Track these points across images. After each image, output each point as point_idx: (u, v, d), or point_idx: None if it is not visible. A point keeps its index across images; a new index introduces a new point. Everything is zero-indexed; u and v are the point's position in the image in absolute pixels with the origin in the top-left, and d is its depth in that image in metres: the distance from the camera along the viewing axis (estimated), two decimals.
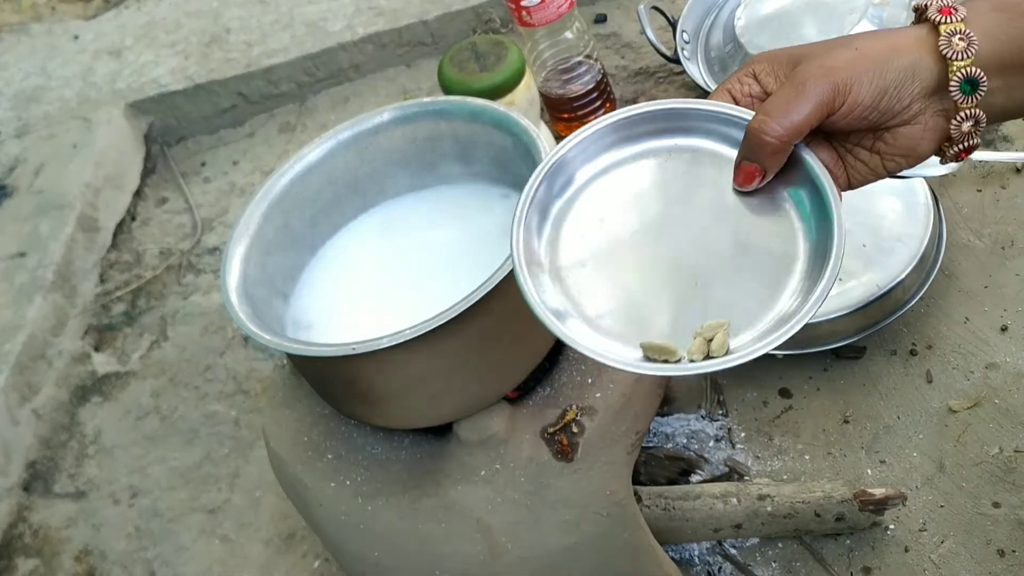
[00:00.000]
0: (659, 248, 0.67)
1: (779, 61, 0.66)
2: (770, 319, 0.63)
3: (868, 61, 0.63)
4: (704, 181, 0.68)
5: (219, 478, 1.49)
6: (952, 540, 1.11)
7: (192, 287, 1.80)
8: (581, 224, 0.70)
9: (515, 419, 0.91)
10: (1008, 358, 1.22)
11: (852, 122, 0.64)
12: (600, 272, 0.67)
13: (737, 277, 0.65)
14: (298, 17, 2.11)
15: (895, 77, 0.63)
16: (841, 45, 0.65)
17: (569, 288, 0.67)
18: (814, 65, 0.63)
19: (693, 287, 0.65)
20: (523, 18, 1.56)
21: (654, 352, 0.63)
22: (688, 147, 0.70)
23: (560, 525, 0.91)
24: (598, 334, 0.65)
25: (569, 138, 0.70)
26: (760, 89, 0.67)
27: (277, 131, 2.06)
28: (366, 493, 0.92)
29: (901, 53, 0.63)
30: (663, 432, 1.27)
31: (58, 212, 1.86)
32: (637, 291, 0.66)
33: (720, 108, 0.67)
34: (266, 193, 0.97)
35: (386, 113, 1.00)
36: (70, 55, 2.27)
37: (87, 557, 1.47)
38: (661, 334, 0.64)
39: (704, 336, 0.63)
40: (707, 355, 0.63)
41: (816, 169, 0.65)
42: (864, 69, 0.62)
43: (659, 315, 0.65)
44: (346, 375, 0.85)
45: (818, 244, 0.64)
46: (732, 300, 0.64)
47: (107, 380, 1.69)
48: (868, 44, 0.64)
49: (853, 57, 0.63)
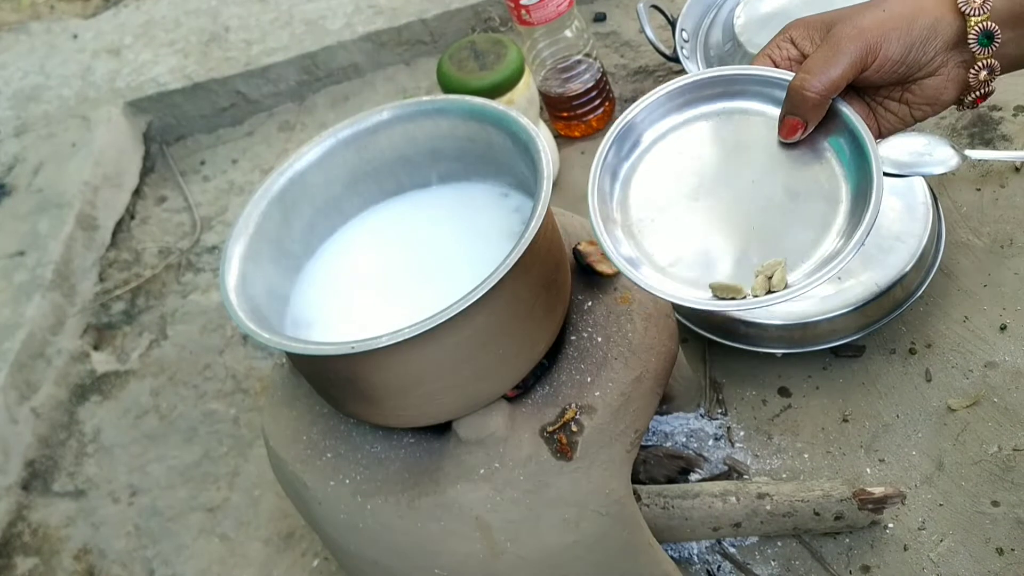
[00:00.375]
0: (718, 199, 0.75)
1: (814, 26, 0.73)
2: (820, 256, 0.71)
3: (896, 20, 0.69)
4: (754, 137, 0.76)
5: (218, 477, 1.49)
6: (951, 539, 1.11)
7: (191, 286, 1.80)
8: (648, 182, 0.78)
9: (514, 418, 0.91)
10: (1007, 357, 1.22)
11: (883, 76, 0.72)
12: (667, 224, 0.76)
13: (789, 220, 0.73)
14: (297, 15, 2.11)
15: (920, 34, 0.70)
16: (870, 7, 0.71)
17: (641, 241, 0.75)
18: (848, 26, 0.70)
19: (750, 232, 0.73)
20: (522, 17, 1.56)
21: (722, 291, 0.71)
22: (737, 109, 0.78)
23: (559, 524, 0.91)
24: (670, 279, 0.73)
25: (633, 105, 0.78)
26: (797, 52, 0.74)
27: (276, 130, 2.06)
28: (365, 491, 0.92)
29: (925, 12, 0.70)
30: (662, 431, 1.27)
31: (57, 211, 1.86)
32: (701, 239, 0.74)
33: (764, 72, 0.75)
34: (265, 192, 0.97)
35: (385, 112, 1.00)
36: (69, 54, 2.27)
37: (86, 556, 1.47)
38: (726, 275, 0.72)
39: (765, 274, 0.71)
40: (768, 290, 0.70)
41: (853, 119, 0.72)
42: (892, 27, 0.69)
43: (723, 259, 0.73)
44: (345, 374, 0.85)
45: (858, 187, 0.72)
46: (786, 241, 0.72)
47: (106, 379, 1.69)
48: (894, 5, 0.71)
49: (882, 18, 0.70)
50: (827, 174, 0.74)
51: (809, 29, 0.74)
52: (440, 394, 0.86)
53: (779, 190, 0.74)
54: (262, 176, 1.96)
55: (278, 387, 1.04)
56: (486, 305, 0.79)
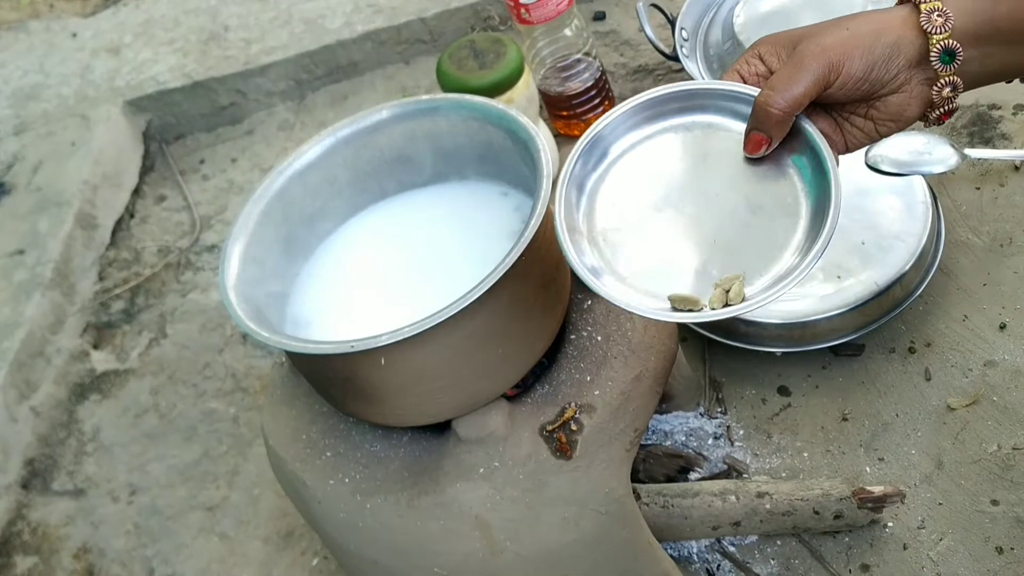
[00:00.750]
0: (681, 212, 0.77)
1: (781, 43, 0.75)
2: (777, 271, 0.72)
3: (858, 39, 0.71)
4: (719, 152, 0.77)
5: (218, 476, 1.49)
6: (950, 537, 1.11)
7: (191, 285, 1.80)
8: (613, 194, 0.79)
9: (514, 417, 0.91)
10: (1007, 356, 1.22)
11: (847, 93, 0.73)
12: (630, 235, 0.77)
13: (750, 234, 0.74)
14: (296, 14, 2.11)
15: (883, 52, 0.71)
16: (834, 26, 0.72)
17: (604, 250, 0.77)
18: (812, 44, 0.71)
19: (711, 245, 0.75)
20: (522, 16, 1.56)
21: (680, 303, 0.72)
22: (704, 123, 0.79)
23: (559, 523, 0.92)
24: (631, 289, 0.74)
25: (600, 119, 0.79)
26: (765, 68, 0.75)
27: (276, 129, 2.06)
28: (365, 491, 0.92)
29: (887, 31, 0.71)
30: (662, 430, 1.27)
31: (56, 210, 1.86)
32: (663, 250, 0.76)
33: (730, 87, 0.76)
34: (265, 191, 0.97)
35: (385, 111, 1.00)
36: (68, 53, 2.27)
37: (86, 555, 1.47)
38: (685, 287, 0.73)
39: (723, 287, 0.72)
40: (726, 303, 0.71)
41: (815, 136, 0.74)
42: (855, 46, 0.70)
43: (683, 271, 0.74)
44: (344, 373, 0.85)
45: (818, 204, 0.73)
46: (746, 255, 0.73)
47: (106, 378, 1.69)
48: (858, 24, 0.72)
49: (845, 36, 0.71)
50: (789, 190, 0.75)
51: (776, 46, 0.75)
52: (439, 393, 0.86)
53: (742, 204, 0.76)
54: (261, 175, 1.95)
55: (277, 386, 1.04)
56: (485, 304, 0.79)
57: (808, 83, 0.71)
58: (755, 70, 0.76)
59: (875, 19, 0.72)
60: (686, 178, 0.78)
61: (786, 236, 0.73)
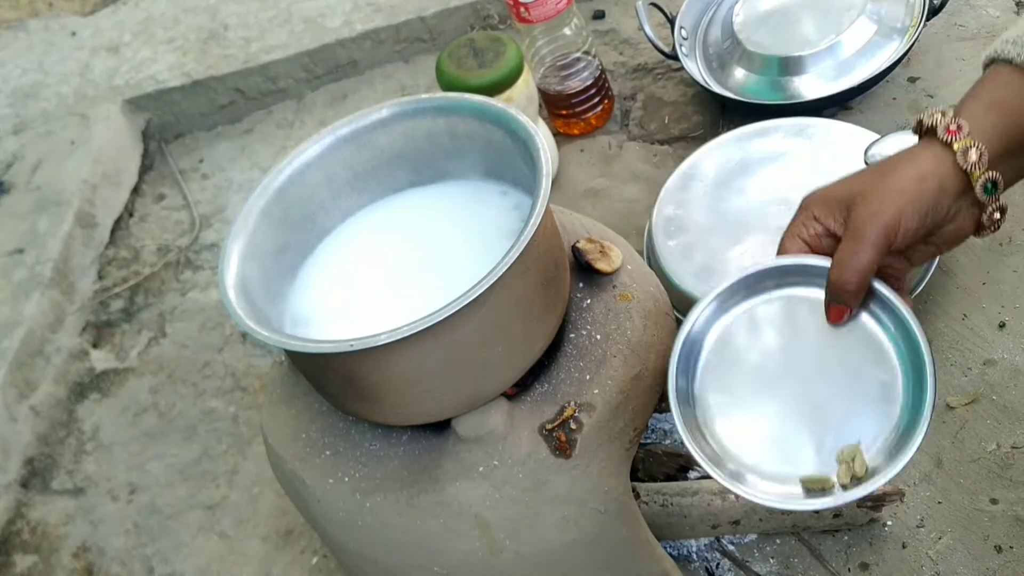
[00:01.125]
0: (785, 387, 0.80)
1: (831, 204, 0.78)
2: (891, 429, 0.76)
3: (906, 195, 0.74)
4: (803, 321, 0.81)
5: (217, 475, 1.49)
6: (950, 536, 1.11)
7: (190, 283, 1.81)
8: (719, 387, 0.82)
9: (513, 416, 0.91)
10: (1006, 354, 1.22)
11: (908, 242, 0.76)
12: (742, 416, 0.80)
13: (854, 400, 0.78)
14: (296, 13, 2.11)
15: (930, 199, 0.74)
16: (878, 184, 0.75)
17: (715, 432, 0.80)
18: (864, 212, 0.74)
19: (821, 415, 0.78)
20: (521, 14, 1.56)
21: (812, 484, 0.76)
22: (783, 296, 0.83)
23: (558, 521, 0.92)
24: (761, 479, 0.78)
25: (689, 318, 0.83)
26: (823, 228, 0.79)
27: (275, 127, 2.06)
28: (364, 489, 0.92)
29: (928, 177, 0.74)
30: (661, 428, 1.28)
31: (56, 209, 1.86)
32: (776, 428, 0.79)
33: (801, 261, 0.79)
34: (264, 190, 0.97)
35: (384, 110, 1.00)
36: (68, 51, 2.27)
37: (85, 553, 1.47)
38: (808, 464, 0.77)
39: (846, 462, 0.75)
40: (853, 475, 0.75)
41: (889, 295, 0.78)
42: (905, 202, 0.73)
43: (803, 448, 0.78)
44: (344, 372, 0.85)
45: (906, 351, 0.77)
46: (856, 419, 0.77)
47: (105, 377, 1.69)
48: (899, 175, 0.75)
49: (893, 195, 0.74)
50: (876, 345, 0.79)
51: (829, 207, 0.78)
52: (439, 392, 0.86)
53: (839, 370, 0.79)
54: (261, 174, 1.95)
55: (277, 385, 1.04)
56: (485, 303, 0.79)
57: (872, 255, 0.75)
58: (815, 231, 0.79)
59: (913, 166, 0.75)
60: (781, 352, 0.82)
61: (886, 391, 0.77)
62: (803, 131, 1.41)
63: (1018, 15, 1.62)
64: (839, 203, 0.77)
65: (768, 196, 1.35)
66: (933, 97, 1.54)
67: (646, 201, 1.57)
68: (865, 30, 1.52)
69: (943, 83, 1.56)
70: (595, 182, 1.66)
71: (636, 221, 1.54)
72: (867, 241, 0.74)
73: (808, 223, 0.79)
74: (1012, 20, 0.78)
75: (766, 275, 0.82)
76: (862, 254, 0.74)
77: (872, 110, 1.56)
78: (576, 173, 1.69)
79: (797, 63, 1.53)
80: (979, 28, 1.62)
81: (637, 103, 1.76)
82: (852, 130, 1.37)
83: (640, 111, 1.74)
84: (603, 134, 1.73)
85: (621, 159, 1.68)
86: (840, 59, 1.52)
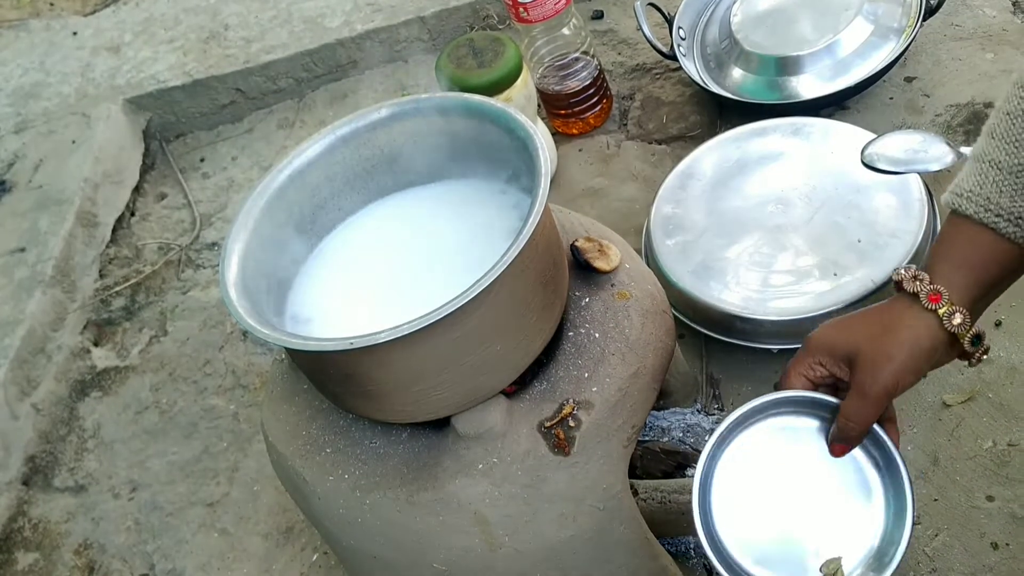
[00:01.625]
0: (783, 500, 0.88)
1: (835, 355, 0.87)
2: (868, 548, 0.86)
3: (902, 359, 0.82)
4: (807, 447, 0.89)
5: (218, 472, 1.50)
6: (946, 533, 1.11)
7: (191, 282, 1.81)
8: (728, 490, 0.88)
9: (512, 413, 0.91)
10: (1001, 352, 1.22)
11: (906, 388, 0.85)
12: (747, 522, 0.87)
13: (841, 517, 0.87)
14: (296, 13, 2.11)
15: (926, 358, 0.82)
16: (877, 343, 0.83)
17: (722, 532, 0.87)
18: (868, 378, 0.83)
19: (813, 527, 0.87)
20: (520, 14, 1.56)
21: None
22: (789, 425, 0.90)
23: (557, 518, 0.92)
24: None
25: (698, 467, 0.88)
26: (827, 372, 0.87)
27: (275, 127, 2.06)
28: (364, 487, 0.92)
29: (922, 338, 0.82)
30: (659, 426, 1.28)
31: (57, 207, 1.86)
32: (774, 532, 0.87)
33: (818, 397, 0.88)
34: (265, 189, 0.97)
35: (384, 109, 1.01)
36: (69, 51, 2.27)
37: (87, 550, 1.47)
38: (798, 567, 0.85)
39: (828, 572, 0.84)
40: None
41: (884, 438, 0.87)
42: (902, 363, 0.82)
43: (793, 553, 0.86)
44: (344, 370, 0.85)
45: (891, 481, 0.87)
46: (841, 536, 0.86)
47: (106, 374, 1.69)
48: (896, 341, 0.82)
49: (891, 362, 0.82)
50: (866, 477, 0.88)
51: (833, 356, 0.87)
52: (438, 390, 0.86)
53: (831, 491, 0.88)
54: (262, 173, 1.95)
55: (277, 383, 1.05)
56: (484, 302, 0.80)
57: (875, 411, 0.84)
58: (819, 374, 0.88)
59: (906, 329, 0.82)
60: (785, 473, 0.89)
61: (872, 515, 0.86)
62: (800, 131, 1.41)
63: (1014, 15, 1.63)
64: (842, 356, 0.86)
65: (765, 195, 1.35)
66: (930, 96, 1.55)
67: (644, 200, 1.58)
68: (862, 30, 1.52)
69: (939, 83, 1.56)
70: (593, 181, 1.67)
71: (634, 220, 1.55)
72: (871, 399, 0.83)
73: (814, 366, 0.88)
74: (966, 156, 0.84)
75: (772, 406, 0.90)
76: (867, 409, 0.84)
77: (869, 110, 1.57)
78: (575, 172, 1.69)
79: (794, 63, 1.54)
80: (975, 28, 1.62)
81: (635, 103, 1.76)
82: (849, 130, 1.38)
83: (638, 111, 1.75)
84: (601, 134, 1.74)
85: (619, 158, 1.69)
86: (837, 59, 1.52)
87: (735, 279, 1.29)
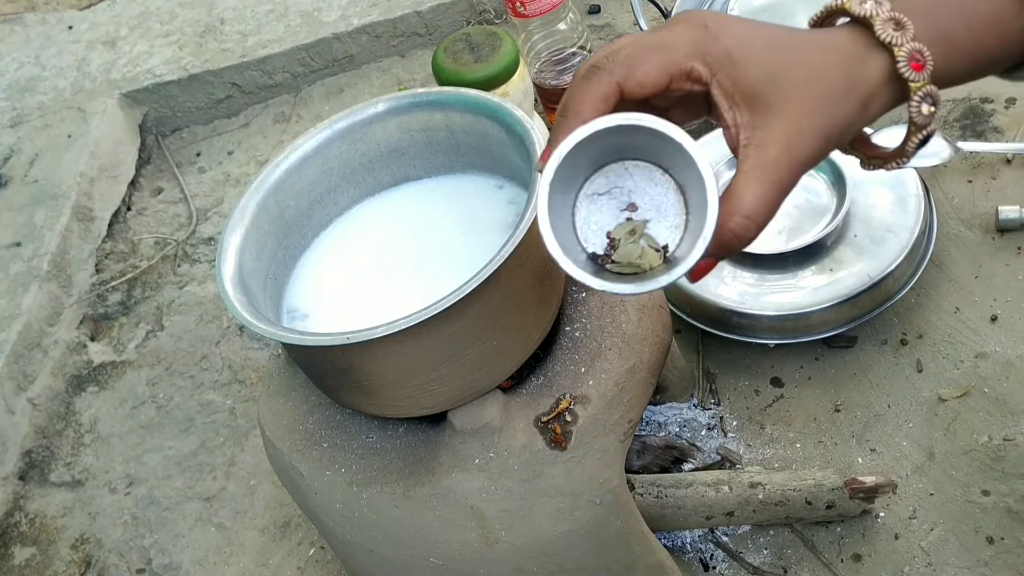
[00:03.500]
0: None
1: (732, 75, 0.57)
2: None
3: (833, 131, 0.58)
4: None
5: (215, 467, 1.50)
6: (942, 527, 1.12)
7: (187, 277, 1.81)
8: None
9: (509, 408, 0.91)
10: (998, 347, 1.23)
11: None
12: None
13: None
14: (292, 7, 2.11)
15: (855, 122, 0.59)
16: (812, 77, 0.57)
17: None
18: (782, 151, 0.56)
19: None
20: (517, 9, 1.56)
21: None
22: None
23: (553, 513, 0.92)
24: None
25: None
26: (699, 89, 0.58)
27: (272, 121, 2.06)
28: (361, 481, 0.92)
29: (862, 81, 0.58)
30: (656, 421, 1.28)
31: (53, 202, 1.86)
32: None
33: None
34: (261, 183, 0.97)
35: (380, 104, 1.01)
36: (64, 45, 2.27)
37: (83, 545, 1.47)
38: None
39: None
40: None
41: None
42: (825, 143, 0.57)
43: None
44: (341, 364, 0.85)
45: None
46: None
47: (103, 369, 1.69)
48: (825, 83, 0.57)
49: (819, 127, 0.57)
50: None
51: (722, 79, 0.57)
52: (435, 384, 0.87)
53: None
54: (258, 167, 1.96)
55: (274, 377, 1.05)
56: (480, 296, 0.80)
57: (782, 200, 0.57)
58: (689, 88, 0.59)
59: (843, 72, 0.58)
60: None
61: None
62: None
63: None
64: (746, 84, 0.57)
65: None
66: None
67: None
68: None
69: None
70: None
71: None
72: (782, 185, 0.56)
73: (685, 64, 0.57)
74: None
75: None
76: (774, 202, 0.56)
77: None
78: None
79: None
80: None
81: None
82: None
83: None
84: None
85: None
86: None
87: (731, 274, 1.29)
